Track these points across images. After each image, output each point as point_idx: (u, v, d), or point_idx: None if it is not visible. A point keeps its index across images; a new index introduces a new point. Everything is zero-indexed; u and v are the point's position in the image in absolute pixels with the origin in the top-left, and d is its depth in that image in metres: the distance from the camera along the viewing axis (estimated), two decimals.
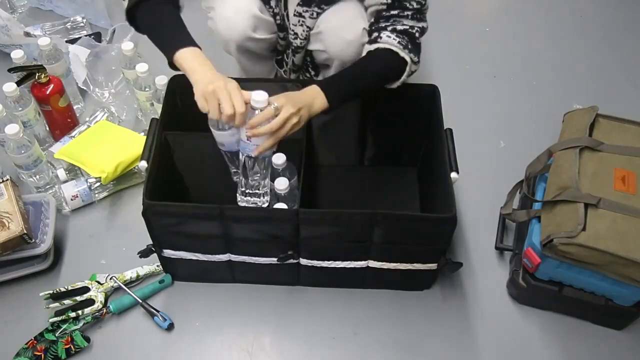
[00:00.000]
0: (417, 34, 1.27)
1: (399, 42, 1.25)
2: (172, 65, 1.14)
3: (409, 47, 1.26)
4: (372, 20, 1.32)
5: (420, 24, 1.28)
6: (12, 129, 1.33)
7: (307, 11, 1.37)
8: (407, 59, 1.26)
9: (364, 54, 1.29)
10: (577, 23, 2.08)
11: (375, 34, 1.28)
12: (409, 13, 1.26)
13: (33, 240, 1.27)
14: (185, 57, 1.11)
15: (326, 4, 1.36)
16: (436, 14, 2.13)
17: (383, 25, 1.27)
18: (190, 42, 1.13)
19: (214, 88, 1.05)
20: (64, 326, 1.24)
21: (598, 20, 2.08)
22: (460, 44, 1.98)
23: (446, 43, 1.98)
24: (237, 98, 1.05)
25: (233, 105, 1.04)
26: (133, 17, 1.20)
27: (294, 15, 1.38)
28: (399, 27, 1.26)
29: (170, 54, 1.12)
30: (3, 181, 1.33)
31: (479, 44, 1.99)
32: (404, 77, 1.28)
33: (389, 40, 1.25)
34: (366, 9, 1.34)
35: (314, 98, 1.16)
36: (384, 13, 1.28)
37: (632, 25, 2.07)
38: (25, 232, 1.23)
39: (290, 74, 1.59)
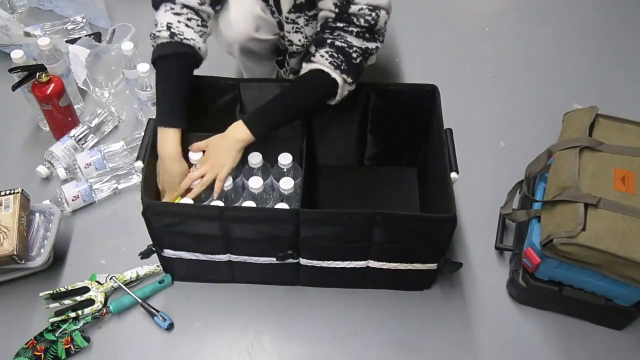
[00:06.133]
0: (354, 54, 1.22)
1: (330, 63, 1.21)
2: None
3: (342, 67, 1.22)
4: (319, 27, 1.27)
5: (365, 44, 1.23)
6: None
7: (299, 17, 1.34)
8: (339, 80, 1.22)
9: (302, 72, 1.26)
10: (577, 23, 2.07)
11: (313, 49, 1.25)
12: (355, 30, 1.21)
13: (23, 262, 1.24)
14: (162, 139, 1.22)
15: (309, 9, 1.32)
16: (436, 14, 2.15)
17: (325, 37, 1.23)
18: (176, 121, 1.22)
19: (168, 188, 1.25)
20: (64, 326, 1.25)
21: (598, 20, 2.08)
22: (460, 44, 1.98)
23: (446, 43, 1.98)
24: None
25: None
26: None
27: (287, 22, 1.37)
28: (338, 43, 1.21)
29: (156, 123, 1.23)
30: (13, 193, 1.29)
31: (479, 44, 1.99)
32: (337, 97, 1.25)
33: (320, 60, 1.22)
34: (317, 13, 1.29)
35: (235, 136, 1.22)
36: (330, 23, 1.24)
37: (632, 25, 2.07)
38: (15, 253, 1.20)
39: (290, 74, 1.59)
